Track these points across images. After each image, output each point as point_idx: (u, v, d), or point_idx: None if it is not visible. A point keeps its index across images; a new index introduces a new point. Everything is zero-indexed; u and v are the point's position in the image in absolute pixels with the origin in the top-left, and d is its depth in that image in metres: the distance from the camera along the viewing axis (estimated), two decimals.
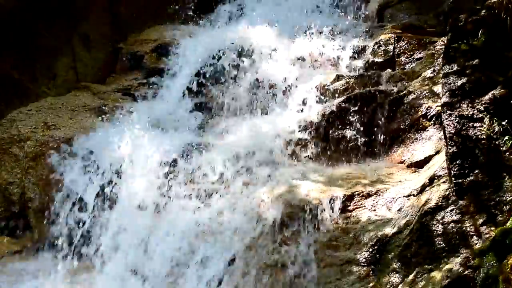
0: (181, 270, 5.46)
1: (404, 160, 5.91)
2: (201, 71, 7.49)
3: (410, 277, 4.53)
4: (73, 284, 5.86)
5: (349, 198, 5.39)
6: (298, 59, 7.39)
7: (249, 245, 5.34)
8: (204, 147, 6.46)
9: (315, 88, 6.91)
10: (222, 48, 7.60)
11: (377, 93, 6.37)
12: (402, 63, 7.00)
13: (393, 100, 6.26)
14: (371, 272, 4.84)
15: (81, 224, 6.18)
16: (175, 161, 6.31)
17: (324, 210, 5.33)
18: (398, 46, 7.11)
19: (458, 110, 4.68)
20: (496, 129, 4.47)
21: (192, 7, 8.94)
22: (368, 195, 5.39)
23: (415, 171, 5.66)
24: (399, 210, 5.14)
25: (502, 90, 4.58)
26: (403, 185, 5.42)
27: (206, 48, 7.71)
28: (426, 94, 6.14)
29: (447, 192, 4.67)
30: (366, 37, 7.58)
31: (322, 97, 6.78)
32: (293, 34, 7.81)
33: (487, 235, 4.31)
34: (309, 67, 7.33)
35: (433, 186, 4.91)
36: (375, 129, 6.24)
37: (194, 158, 6.33)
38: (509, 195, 4.31)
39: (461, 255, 4.37)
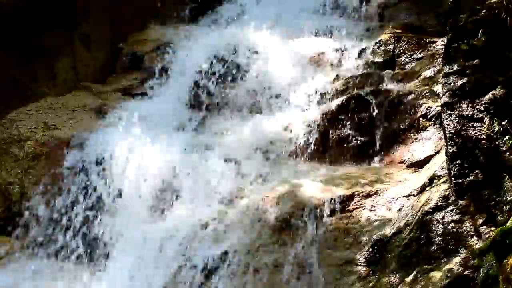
0: (181, 270, 5.46)
1: (404, 160, 5.91)
2: (201, 71, 7.48)
3: (410, 277, 4.53)
4: (74, 285, 5.86)
5: (349, 198, 5.39)
6: (298, 59, 7.39)
7: (249, 245, 5.34)
8: (204, 147, 6.47)
9: (315, 88, 6.91)
10: (222, 48, 7.60)
11: (377, 93, 6.37)
12: (402, 63, 7.00)
13: (393, 100, 6.26)
14: (371, 272, 4.84)
15: (81, 225, 6.18)
16: (175, 161, 6.31)
17: (324, 210, 5.33)
18: (398, 46, 7.12)
19: (458, 110, 4.68)
20: (496, 129, 4.46)
21: (192, 7, 8.94)
22: (368, 195, 5.39)
23: (415, 171, 5.66)
24: (399, 210, 5.14)
25: (502, 90, 4.57)
26: (403, 185, 5.42)
27: (206, 48, 7.71)
28: (426, 94, 6.14)
29: (447, 192, 4.67)
30: (366, 37, 7.59)
31: (322, 97, 6.78)
32: (292, 34, 7.82)
33: (487, 235, 4.31)
34: (309, 67, 7.33)
35: (433, 186, 4.91)
36: (375, 129, 6.24)
37: (194, 158, 6.34)
38: (509, 195, 4.30)
39: (461, 255, 4.37)
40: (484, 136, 4.50)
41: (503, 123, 4.44)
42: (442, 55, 5.26)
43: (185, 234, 5.65)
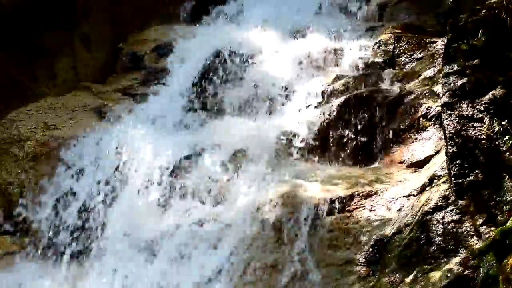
0: (180, 270, 5.46)
1: (404, 160, 5.91)
2: (201, 71, 7.48)
3: (410, 277, 4.53)
4: (74, 285, 5.86)
5: (349, 198, 5.39)
6: (298, 59, 7.39)
7: (249, 245, 5.34)
8: (204, 147, 6.46)
9: (315, 88, 6.91)
10: (221, 48, 7.60)
11: (377, 93, 6.37)
12: (402, 63, 7.00)
13: (393, 100, 6.26)
14: (371, 272, 4.84)
15: (81, 225, 6.18)
16: (175, 161, 6.31)
17: (324, 210, 5.33)
18: (398, 46, 7.11)
19: (458, 110, 4.68)
20: (496, 129, 4.47)
21: (192, 7, 8.94)
22: (368, 195, 5.39)
23: (415, 171, 5.66)
24: (399, 210, 5.14)
25: (502, 90, 4.58)
26: (403, 185, 5.42)
27: (206, 48, 7.71)
28: (426, 94, 6.14)
29: (447, 192, 4.67)
30: (366, 37, 7.58)
31: (322, 97, 6.78)
32: (292, 34, 7.82)
33: (487, 235, 4.31)
34: (309, 67, 7.32)
35: (433, 186, 4.91)
36: (375, 129, 6.24)
37: (194, 158, 6.34)
38: (509, 195, 4.30)
39: (461, 255, 4.37)
40: (484, 136, 4.50)
41: (503, 123, 4.44)
42: (442, 55, 5.26)
43: (185, 234, 5.65)
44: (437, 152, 5.56)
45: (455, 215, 4.53)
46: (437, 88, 5.93)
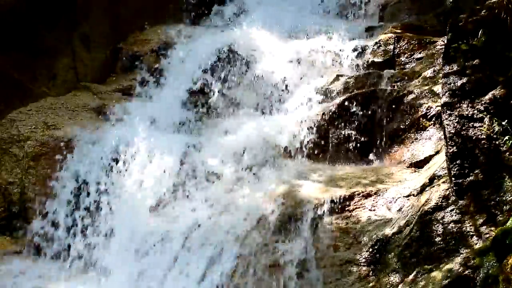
0: (181, 270, 5.46)
1: (404, 160, 5.91)
2: (201, 71, 7.49)
3: (410, 277, 4.53)
4: (74, 285, 5.86)
5: (349, 198, 5.40)
6: (298, 59, 7.39)
7: (249, 245, 5.34)
8: (204, 147, 6.47)
9: (315, 88, 6.91)
10: (222, 48, 7.60)
11: (377, 93, 6.38)
12: (402, 63, 7.00)
13: (393, 100, 6.27)
14: (371, 272, 4.84)
15: (81, 225, 6.18)
16: (175, 161, 6.31)
17: (324, 210, 5.33)
18: (398, 46, 7.12)
19: (458, 110, 4.69)
20: (496, 129, 4.47)
21: (192, 8, 8.95)
22: (368, 195, 5.39)
23: (415, 171, 5.67)
24: (399, 210, 5.14)
25: (502, 90, 4.58)
26: (403, 185, 5.42)
27: (206, 48, 7.71)
28: (426, 94, 6.14)
29: (447, 192, 4.68)
30: (366, 37, 7.59)
31: (322, 97, 6.78)
32: (293, 34, 7.83)
33: (487, 235, 4.31)
34: (309, 67, 7.33)
35: (433, 186, 4.91)
36: (375, 129, 6.24)
37: (194, 158, 6.34)
38: (509, 195, 4.31)
39: (461, 255, 4.37)
40: (484, 136, 4.51)
41: (503, 123, 4.45)
42: (442, 55, 5.26)
43: (184, 233, 5.65)
44: (437, 152, 5.56)
45: (455, 215, 4.54)
46: (437, 88, 5.93)
